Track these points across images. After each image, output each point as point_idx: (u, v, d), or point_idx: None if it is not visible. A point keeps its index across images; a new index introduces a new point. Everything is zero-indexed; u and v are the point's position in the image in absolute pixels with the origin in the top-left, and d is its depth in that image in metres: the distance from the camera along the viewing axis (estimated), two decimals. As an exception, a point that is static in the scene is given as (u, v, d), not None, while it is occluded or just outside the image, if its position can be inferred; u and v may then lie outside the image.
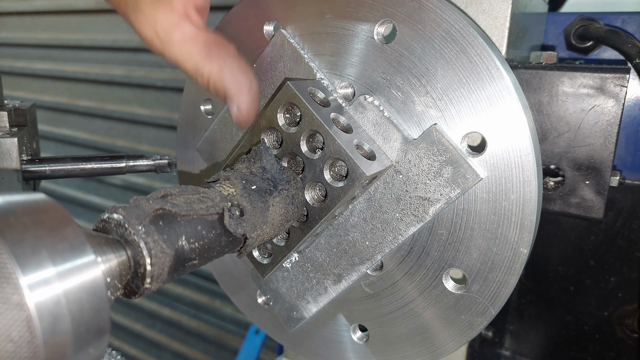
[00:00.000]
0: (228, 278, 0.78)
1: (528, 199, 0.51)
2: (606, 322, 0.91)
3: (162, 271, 0.42)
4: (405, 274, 0.60)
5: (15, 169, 0.74)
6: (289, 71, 0.63)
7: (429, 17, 0.52)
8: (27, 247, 0.31)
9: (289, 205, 0.55)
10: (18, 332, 0.30)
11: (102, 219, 0.42)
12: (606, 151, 0.63)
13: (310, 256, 0.65)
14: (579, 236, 0.91)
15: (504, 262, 0.53)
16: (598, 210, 0.65)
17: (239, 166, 0.57)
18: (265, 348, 2.52)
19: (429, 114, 0.54)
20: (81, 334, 0.33)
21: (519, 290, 0.99)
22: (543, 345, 0.99)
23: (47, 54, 3.94)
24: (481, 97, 0.51)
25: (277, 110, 0.57)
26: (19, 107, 0.80)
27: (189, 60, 0.54)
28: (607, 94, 0.61)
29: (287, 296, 0.70)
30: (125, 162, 0.79)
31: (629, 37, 0.73)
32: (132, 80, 3.34)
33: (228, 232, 0.49)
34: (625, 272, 0.88)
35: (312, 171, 0.56)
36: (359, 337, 0.67)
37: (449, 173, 0.53)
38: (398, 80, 0.55)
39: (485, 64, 0.50)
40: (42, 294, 0.31)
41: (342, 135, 0.55)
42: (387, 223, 0.58)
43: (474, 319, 0.57)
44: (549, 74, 0.63)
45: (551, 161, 0.66)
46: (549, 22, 0.94)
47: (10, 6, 4.04)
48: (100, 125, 3.67)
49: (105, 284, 0.36)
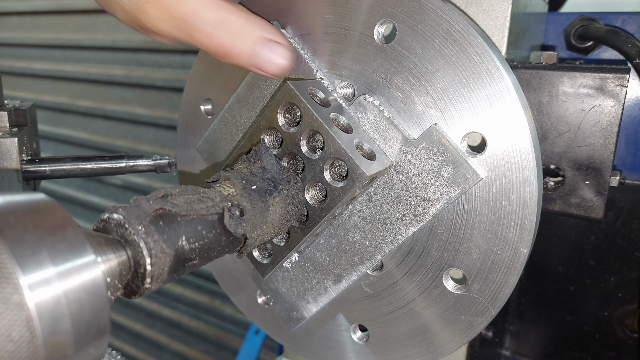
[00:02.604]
0: (228, 278, 0.78)
1: (528, 199, 0.51)
2: (606, 322, 0.92)
3: (162, 271, 0.42)
4: (405, 274, 0.60)
5: (15, 169, 0.74)
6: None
7: (429, 17, 0.52)
8: (27, 247, 0.31)
9: (289, 205, 0.55)
10: (18, 332, 0.30)
11: (102, 219, 0.42)
12: (606, 151, 0.63)
13: (310, 256, 0.65)
14: (579, 236, 0.91)
15: (504, 262, 0.53)
16: (598, 210, 0.65)
17: (239, 166, 0.57)
18: (265, 348, 2.53)
19: (429, 114, 0.54)
20: (81, 334, 0.33)
21: (519, 290, 0.99)
22: (543, 345, 0.99)
23: (47, 54, 3.94)
24: (481, 97, 0.51)
25: (277, 110, 0.57)
26: (19, 107, 0.80)
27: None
28: (607, 94, 0.61)
29: (287, 296, 0.70)
30: (125, 162, 0.79)
31: (629, 37, 0.73)
32: (132, 80, 3.34)
33: (228, 232, 0.49)
34: (626, 272, 0.88)
35: (312, 171, 0.56)
36: (359, 337, 0.67)
37: (449, 173, 0.53)
38: (398, 80, 0.55)
39: (485, 64, 0.50)
40: (42, 294, 0.31)
41: (342, 135, 0.55)
42: (387, 223, 0.58)
43: (474, 319, 0.57)
44: (549, 74, 0.63)
45: (551, 161, 0.66)
46: (549, 22, 0.94)
47: (10, 6, 4.04)
48: (100, 125, 3.67)
49: (105, 284, 0.36)
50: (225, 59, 0.56)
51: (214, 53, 0.55)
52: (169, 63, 3.12)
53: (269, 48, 0.55)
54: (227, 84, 0.72)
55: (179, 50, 3.03)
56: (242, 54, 0.55)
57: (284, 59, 0.56)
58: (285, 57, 0.56)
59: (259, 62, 0.55)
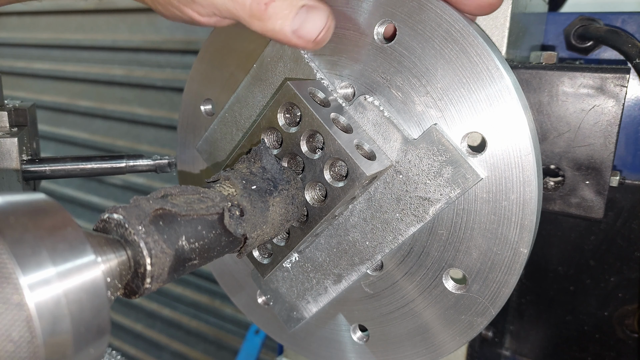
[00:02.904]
0: (228, 278, 0.78)
1: (528, 199, 0.51)
2: (606, 322, 0.91)
3: (162, 271, 0.42)
4: (405, 274, 0.60)
5: (15, 169, 0.74)
6: (289, 71, 0.63)
7: (429, 17, 0.52)
8: (27, 247, 0.31)
9: (289, 205, 0.55)
10: (18, 332, 0.30)
11: (102, 219, 0.42)
12: (606, 151, 0.63)
13: (310, 256, 0.65)
14: (579, 236, 0.91)
15: (504, 262, 0.53)
16: (598, 210, 0.65)
17: (239, 166, 0.57)
18: (265, 348, 2.52)
19: (429, 114, 0.54)
20: (81, 334, 0.33)
21: (519, 290, 0.99)
22: (543, 345, 0.99)
23: (47, 54, 3.94)
24: (481, 97, 0.51)
25: (277, 110, 0.57)
26: (19, 107, 0.80)
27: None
28: (607, 94, 0.61)
29: (287, 296, 0.70)
30: (125, 162, 0.79)
31: (629, 37, 0.73)
32: (132, 80, 3.34)
33: (228, 232, 0.49)
34: (626, 272, 0.88)
35: (312, 171, 0.56)
36: (359, 337, 0.67)
37: (449, 173, 0.53)
38: (398, 80, 0.55)
39: (485, 64, 0.50)
40: (42, 294, 0.31)
41: (342, 135, 0.55)
42: (387, 223, 0.58)
43: (474, 319, 0.57)
44: (549, 74, 0.63)
45: (551, 161, 0.66)
46: (549, 22, 0.94)
47: (11, 6, 4.03)
48: (100, 125, 3.67)
49: (105, 284, 0.36)
50: (262, 21, 0.50)
51: (253, 13, 0.50)
52: (169, 63, 3.12)
53: (312, 13, 0.51)
54: (227, 84, 0.72)
55: (179, 50, 3.04)
56: (284, 17, 0.50)
57: (325, 23, 0.51)
58: (326, 21, 0.52)
59: (302, 29, 0.51)
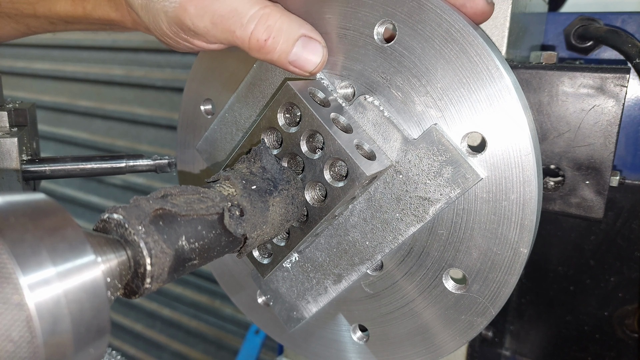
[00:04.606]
0: (228, 278, 0.78)
1: (528, 199, 0.51)
2: (606, 322, 0.92)
3: (162, 271, 0.42)
4: (405, 274, 0.60)
5: (15, 169, 0.74)
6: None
7: (429, 17, 0.52)
8: (27, 247, 0.31)
9: (289, 205, 0.55)
10: (18, 332, 0.30)
11: (102, 219, 0.42)
12: (606, 151, 0.63)
13: (310, 256, 0.65)
14: (579, 236, 0.91)
15: (504, 262, 0.53)
16: (598, 210, 0.65)
17: (239, 166, 0.57)
18: (265, 348, 2.52)
19: (429, 113, 0.54)
20: (81, 334, 0.33)
21: (519, 290, 0.99)
22: (543, 345, 0.99)
23: (47, 54, 3.94)
24: (481, 97, 0.51)
25: (277, 110, 0.57)
26: (19, 107, 0.80)
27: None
28: (607, 94, 0.61)
29: (287, 296, 0.70)
30: (125, 162, 0.79)
31: (629, 37, 0.73)
32: (132, 80, 3.34)
33: (228, 232, 0.49)
34: (626, 272, 0.88)
35: (312, 171, 0.56)
36: (359, 337, 0.67)
37: (449, 173, 0.53)
38: (398, 80, 0.55)
39: (485, 64, 0.50)
40: (42, 294, 0.31)
41: (342, 135, 0.55)
42: (387, 223, 0.58)
43: (474, 319, 0.57)
44: (549, 74, 0.63)
45: (551, 161, 0.66)
46: (549, 22, 0.94)
47: (10, 6, 4.03)
48: (100, 125, 3.67)
49: (105, 284, 0.36)
50: (261, 54, 0.56)
51: (252, 47, 0.55)
52: (169, 63, 3.12)
53: (308, 46, 0.56)
54: (227, 84, 0.72)
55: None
56: (282, 51, 0.55)
57: (321, 57, 0.57)
58: (322, 55, 0.57)
59: (299, 60, 0.56)
